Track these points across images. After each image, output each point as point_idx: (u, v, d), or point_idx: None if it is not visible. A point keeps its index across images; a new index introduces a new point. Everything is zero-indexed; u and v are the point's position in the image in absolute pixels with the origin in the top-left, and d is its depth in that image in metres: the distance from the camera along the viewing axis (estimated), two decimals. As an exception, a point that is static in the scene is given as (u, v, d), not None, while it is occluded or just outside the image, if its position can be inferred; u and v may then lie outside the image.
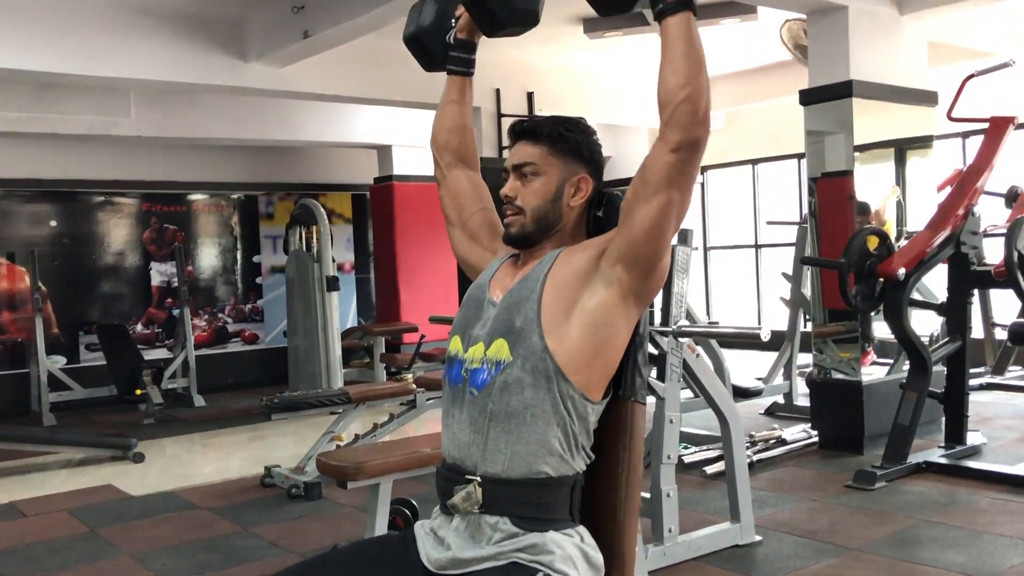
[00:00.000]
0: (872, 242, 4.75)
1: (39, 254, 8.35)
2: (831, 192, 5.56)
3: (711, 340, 5.60)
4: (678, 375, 3.61)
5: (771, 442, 5.37)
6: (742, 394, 6.52)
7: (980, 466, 4.73)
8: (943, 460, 4.79)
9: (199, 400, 8.36)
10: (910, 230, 5.64)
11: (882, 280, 4.71)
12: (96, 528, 4.53)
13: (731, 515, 3.83)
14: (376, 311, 9.93)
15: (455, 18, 1.95)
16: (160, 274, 9.26)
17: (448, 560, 1.65)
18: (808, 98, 5.58)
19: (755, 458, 5.02)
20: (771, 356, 7.07)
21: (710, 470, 4.87)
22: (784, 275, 7.03)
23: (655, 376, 3.63)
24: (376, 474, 3.32)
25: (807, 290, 6.40)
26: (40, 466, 6.06)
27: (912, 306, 5.05)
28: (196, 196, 9.51)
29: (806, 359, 6.19)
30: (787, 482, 4.76)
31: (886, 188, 5.66)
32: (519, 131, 1.79)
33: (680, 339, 3.61)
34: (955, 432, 5.00)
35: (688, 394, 4.92)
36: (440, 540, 1.68)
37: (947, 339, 4.98)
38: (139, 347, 8.40)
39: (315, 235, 7.80)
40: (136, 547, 4.20)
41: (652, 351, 3.60)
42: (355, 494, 4.17)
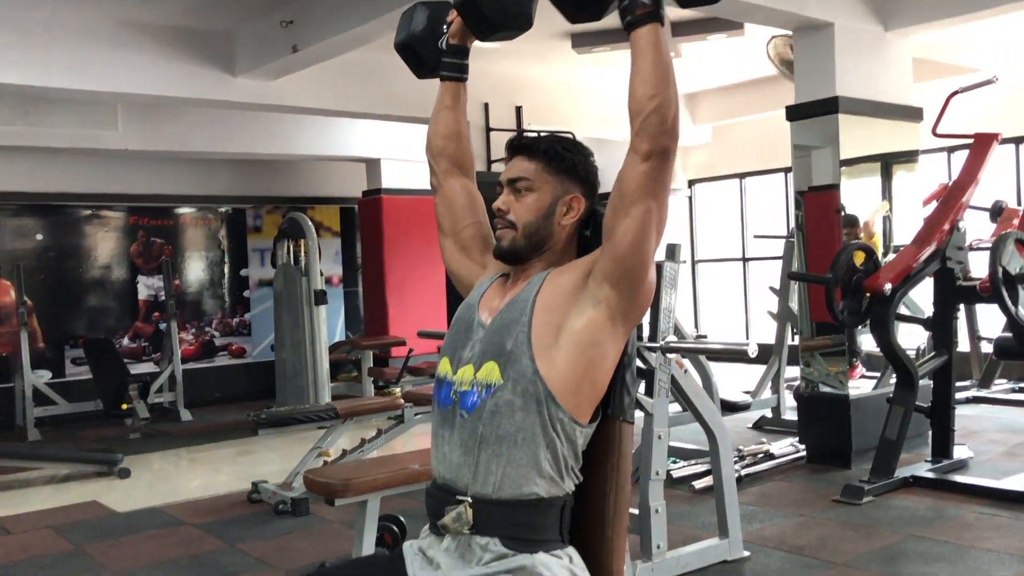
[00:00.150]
0: (858, 257, 4.78)
1: (25, 268, 8.30)
2: (818, 206, 5.59)
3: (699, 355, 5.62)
4: (666, 391, 3.61)
5: (759, 456, 5.38)
6: (730, 408, 6.53)
7: (967, 480, 4.75)
8: (930, 474, 4.80)
9: (186, 414, 8.31)
10: (898, 244, 5.67)
11: (869, 295, 4.73)
12: (81, 545, 4.50)
13: (719, 531, 3.83)
14: (364, 325, 9.91)
15: (447, 24, 1.93)
16: (147, 287, 9.21)
17: (437, 580, 1.64)
18: (794, 114, 5.62)
19: (743, 472, 5.03)
20: (759, 369, 7.09)
21: (698, 484, 4.87)
22: (772, 289, 7.05)
23: (643, 392, 3.63)
24: (364, 491, 3.31)
25: (794, 304, 6.43)
26: (24, 482, 6.00)
27: (898, 320, 5.08)
28: (183, 209, 9.48)
29: (794, 372, 6.21)
30: (775, 497, 4.76)
31: (875, 202, 5.69)
32: (516, 146, 1.80)
33: (668, 355, 3.61)
34: (942, 446, 5.02)
35: (676, 408, 4.92)
36: (429, 560, 1.68)
37: (933, 353, 5.00)
38: (125, 361, 8.35)
39: (303, 249, 7.79)
40: (121, 565, 4.16)
41: (640, 365, 3.61)
42: (343, 510, 4.14)
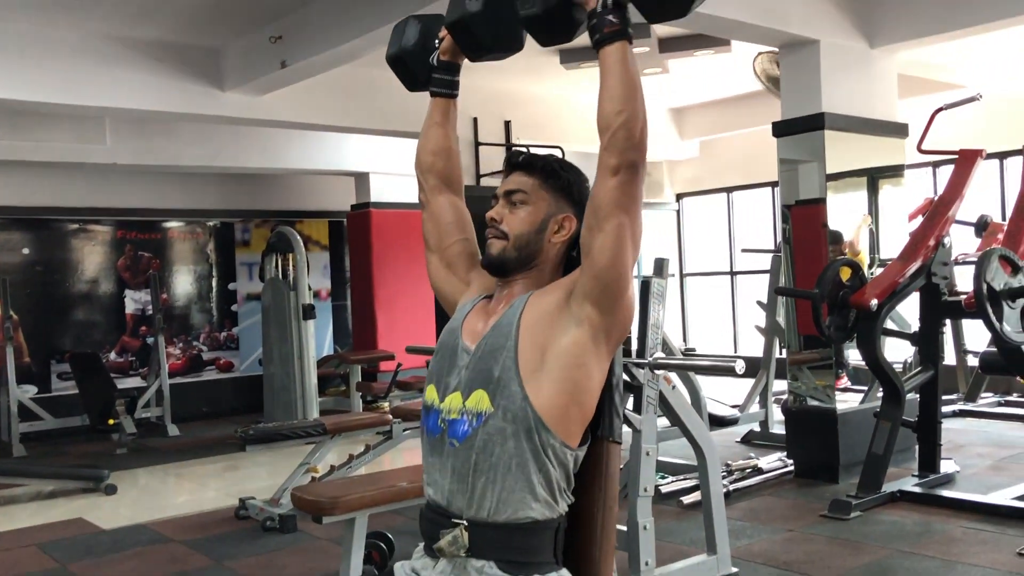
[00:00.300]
0: (845, 273, 4.81)
1: (11, 282, 8.25)
2: (805, 219, 5.63)
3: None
4: (654, 407, 3.61)
5: (747, 471, 5.39)
6: (718, 423, 6.53)
7: (953, 495, 4.77)
8: (917, 489, 4.82)
9: (173, 429, 8.27)
10: (884, 258, 5.71)
11: (855, 311, 4.75)
12: (66, 564, 4.46)
13: (708, 547, 3.83)
14: (353, 339, 9.89)
15: (438, 39, 1.93)
16: (134, 302, 9.18)
17: (432, 603, 1.65)
18: (781, 130, 5.66)
19: (731, 488, 5.03)
20: (747, 383, 7.10)
21: (687, 500, 4.87)
22: (759, 303, 7.08)
23: (631, 408, 3.63)
24: (351, 509, 3.30)
25: (782, 318, 6.45)
26: (9, 499, 5.95)
27: (885, 335, 5.11)
28: (171, 223, 9.46)
29: (782, 386, 6.23)
30: (763, 512, 4.77)
31: (857, 216, 5.73)
32: (516, 162, 1.82)
33: (656, 371, 3.61)
34: (928, 461, 5.04)
35: (665, 422, 4.92)
36: (424, 582, 1.68)
37: (919, 368, 5.03)
38: (112, 376, 8.31)
39: (291, 263, 7.78)
40: (107, 583, 4.14)
41: (627, 379, 3.61)
42: (331, 526, 4.13)
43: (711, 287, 11.14)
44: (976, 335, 7.15)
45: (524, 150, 1.86)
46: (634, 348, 3.70)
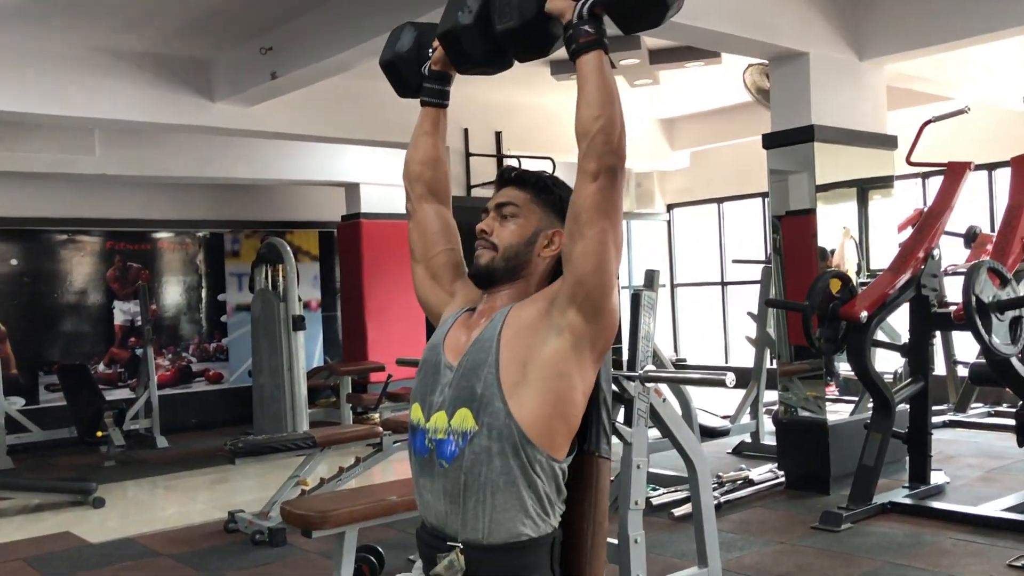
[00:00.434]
0: (835, 285, 4.82)
1: (-1, 293, 8.24)
2: (795, 230, 5.64)
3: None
4: (645, 420, 3.61)
5: (738, 483, 5.38)
6: (709, 434, 6.54)
7: (944, 506, 4.78)
8: (907, 501, 4.83)
9: (162, 441, 8.22)
10: (875, 268, 5.73)
11: (845, 323, 4.76)
12: (53, 578, 4.43)
13: (699, 560, 3.82)
14: (343, 350, 9.86)
15: (432, 48, 1.93)
16: (123, 313, 9.14)
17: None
18: (771, 142, 5.68)
19: (722, 499, 5.03)
20: (738, 394, 7.11)
21: (678, 512, 4.86)
22: (750, 314, 7.09)
23: (622, 420, 3.63)
24: (341, 523, 3.29)
25: (772, 330, 6.46)
26: (-4, 512, 5.92)
27: (875, 347, 5.12)
28: (161, 234, 9.43)
29: (773, 396, 6.23)
30: (754, 524, 4.76)
31: (838, 231, 5.71)
32: (508, 177, 1.82)
33: (647, 384, 3.61)
34: (919, 472, 5.05)
35: (655, 433, 4.92)
36: (424, 605, 1.67)
37: (910, 380, 5.04)
38: (101, 387, 8.26)
39: (281, 274, 7.76)
40: (94, 598, 4.11)
41: (615, 390, 3.60)
42: (321, 540, 4.11)
43: (702, 297, 11.16)
44: (966, 346, 7.18)
45: (516, 165, 1.86)
46: (624, 360, 3.70)
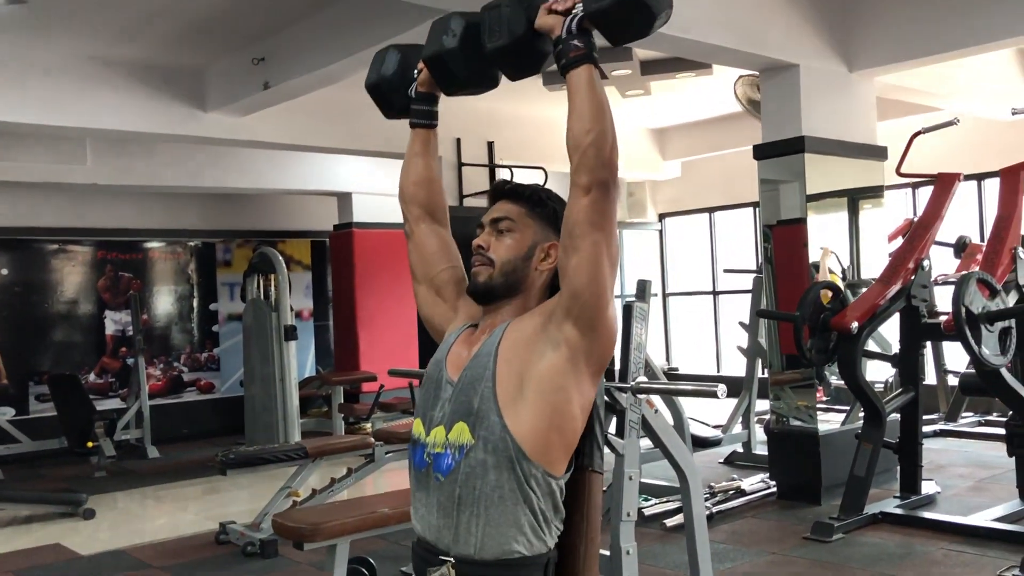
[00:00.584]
0: (825, 296, 4.84)
1: (-11, 303, 8.21)
2: (786, 239, 5.66)
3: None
4: (637, 431, 3.61)
5: (730, 493, 5.39)
6: (701, 444, 6.55)
7: (934, 516, 4.79)
8: (899, 511, 4.84)
9: (153, 451, 8.18)
10: (864, 278, 5.75)
11: (836, 333, 4.78)
12: (43, 591, 4.41)
13: (691, 572, 3.81)
14: (335, 359, 9.84)
15: (417, 70, 1.94)
16: (114, 322, 9.11)
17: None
18: (761, 153, 5.70)
19: (714, 510, 5.03)
20: (730, 403, 7.12)
21: (670, 523, 4.86)
22: (741, 324, 7.11)
23: (613, 432, 3.63)
24: (333, 535, 3.28)
25: (764, 339, 6.48)
26: (-15, 523, 5.89)
27: (866, 357, 5.14)
28: (152, 243, 9.41)
29: (764, 406, 6.24)
30: (746, 535, 4.77)
31: (817, 251, 5.70)
32: (502, 191, 1.82)
33: (639, 395, 3.61)
34: (910, 482, 5.06)
35: (647, 443, 4.92)
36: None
37: (900, 390, 5.06)
38: (92, 397, 8.22)
39: (273, 283, 7.75)
40: (84, 611, 4.08)
41: (608, 400, 3.61)
42: (312, 552, 4.10)
43: (694, 307, 11.17)
44: (956, 355, 7.21)
45: (509, 179, 1.87)
46: (616, 370, 3.70)
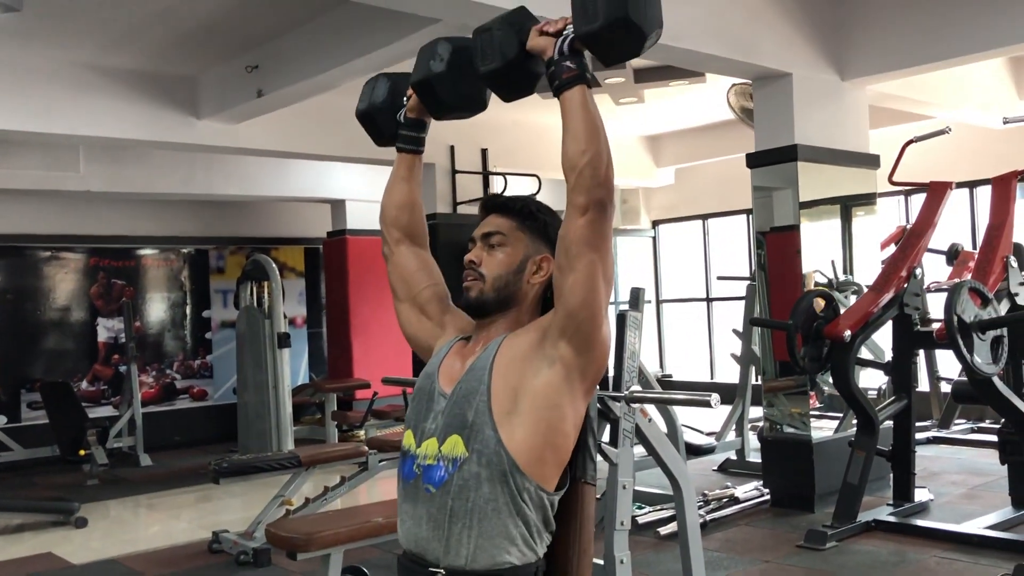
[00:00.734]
0: (819, 304, 4.85)
1: (-19, 310, 8.18)
2: (779, 245, 5.68)
3: (663, 401, 5.62)
4: (631, 440, 3.61)
5: (724, 501, 5.39)
6: (695, 452, 6.55)
7: (928, 524, 4.80)
8: (892, 518, 4.84)
9: (145, 459, 8.16)
10: (855, 280, 5.77)
11: (829, 342, 4.79)
12: (34, 600, 4.39)
13: (684, 580, 3.82)
14: (328, 366, 9.83)
15: (406, 97, 1.97)
16: (107, 330, 9.08)
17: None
18: (755, 161, 5.72)
19: (708, 518, 5.03)
20: (724, 410, 7.11)
21: (664, 531, 4.86)
22: (735, 332, 7.12)
23: (607, 440, 3.63)
24: (326, 545, 3.28)
25: (757, 347, 6.49)
26: (-24, 532, 5.86)
27: (859, 365, 5.15)
28: (145, 250, 9.39)
29: (758, 413, 6.24)
30: (740, 543, 4.77)
31: (810, 257, 5.71)
32: (492, 205, 1.83)
33: (632, 404, 3.61)
34: (903, 490, 5.07)
35: (641, 450, 4.92)
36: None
37: (893, 398, 5.07)
38: (84, 405, 8.18)
39: (267, 291, 7.73)
40: (76, 621, 4.07)
41: (600, 408, 3.61)
42: (306, 560, 4.09)
43: (687, 313, 11.19)
44: (949, 362, 7.22)
45: (499, 193, 1.88)
46: (610, 377, 3.70)
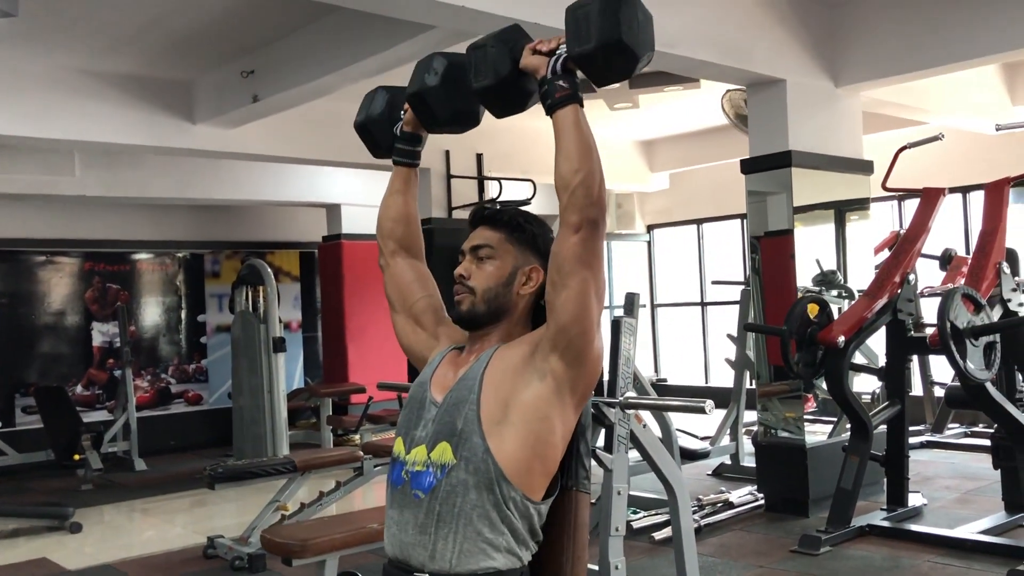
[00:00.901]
0: (812, 310, 4.86)
1: (-25, 314, 8.16)
2: (774, 249, 5.70)
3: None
4: (626, 446, 3.62)
5: (718, 505, 5.41)
6: (689, 456, 6.55)
7: (921, 529, 4.82)
8: (886, 523, 4.86)
9: (140, 464, 8.14)
10: (846, 283, 5.79)
11: (823, 347, 4.81)
12: (29, 606, 4.38)
13: (679, 586, 3.82)
14: (323, 371, 9.83)
15: (403, 110, 1.99)
16: (102, 334, 9.07)
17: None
18: (749, 167, 5.74)
19: (703, 523, 5.05)
20: (718, 414, 7.12)
21: (658, 536, 4.87)
22: (729, 336, 7.13)
23: (602, 446, 3.64)
24: (322, 551, 3.28)
25: (751, 351, 6.51)
26: (-30, 538, 5.85)
27: (852, 370, 5.16)
28: (141, 255, 9.38)
29: (752, 417, 6.25)
30: (734, 548, 4.78)
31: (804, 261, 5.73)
32: (480, 217, 1.84)
33: (627, 410, 3.62)
34: (896, 494, 5.09)
35: (636, 455, 4.93)
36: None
37: (887, 403, 5.09)
38: (78, 409, 8.17)
39: (262, 295, 7.73)
40: (71, 627, 4.06)
41: (594, 413, 3.62)
42: (301, 567, 4.09)
43: (682, 317, 11.21)
44: (943, 367, 7.24)
45: (487, 205, 1.89)
46: (605, 381, 3.71)
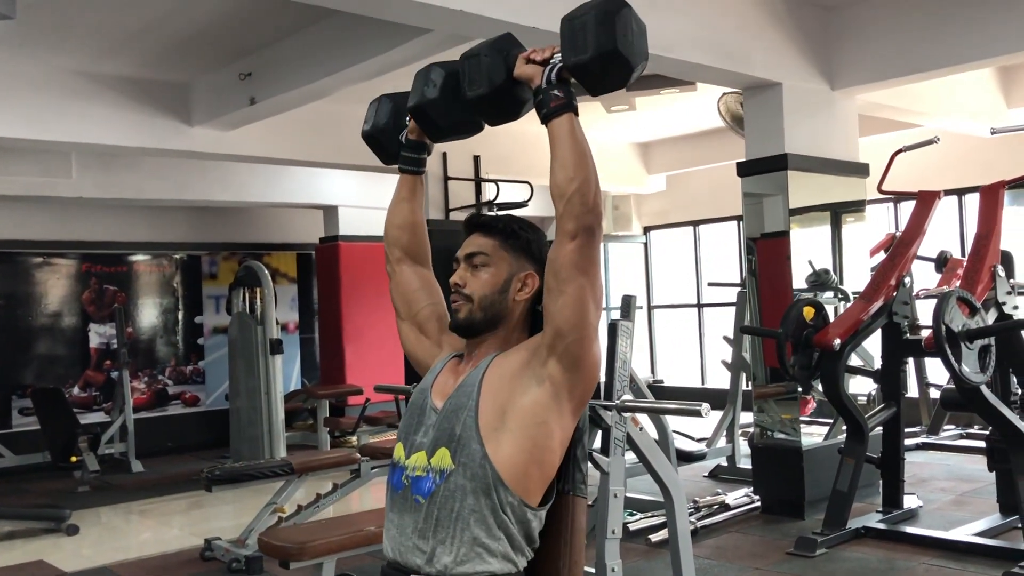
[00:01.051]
0: (808, 312, 4.88)
1: (-28, 316, 8.16)
2: (770, 251, 5.71)
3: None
4: (622, 449, 3.64)
5: (715, 507, 5.42)
6: (686, 458, 6.58)
7: (917, 531, 4.83)
8: (881, 525, 4.87)
9: (137, 465, 8.14)
10: (844, 288, 5.81)
11: (819, 350, 4.82)
12: (26, 609, 4.38)
13: (675, 588, 3.84)
14: (320, 372, 9.83)
15: (408, 118, 1.99)
16: (99, 335, 9.07)
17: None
18: (745, 170, 5.75)
19: (699, 525, 5.06)
20: (715, 416, 7.14)
21: (655, 538, 4.87)
22: (725, 338, 7.15)
23: (599, 449, 3.65)
24: (319, 554, 3.29)
25: (748, 353, 6.52)
26: (-33, 540, 5.85)
27: (848, 372, 5.18)
28: (138, 256, 9.38)
29: (748, 418, 6.27)
30: (730, 550, 4.80)
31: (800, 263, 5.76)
32: (474, 224, 1.85)
33: (623, 413, 3.64)
34: (892, 496, 5.11)
35: (632, 457, 4.94)
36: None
37: (882, 405, 5.11)
38: (75, 411, 8.17)
39: (259, 297, 7.74)
40: (68, 629, 4.06)
41: (591, 416, 3.63)
42: (298, 569, 4.10)
43: (679, 319, 11.22)
44: (938, 369, 7.26)
45: (482, 213, 1.91)
46: (602, 384, 3.73)
